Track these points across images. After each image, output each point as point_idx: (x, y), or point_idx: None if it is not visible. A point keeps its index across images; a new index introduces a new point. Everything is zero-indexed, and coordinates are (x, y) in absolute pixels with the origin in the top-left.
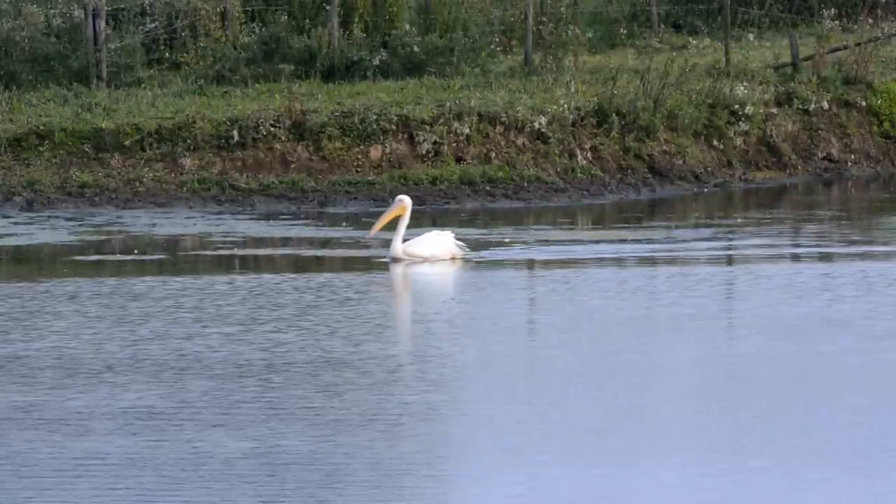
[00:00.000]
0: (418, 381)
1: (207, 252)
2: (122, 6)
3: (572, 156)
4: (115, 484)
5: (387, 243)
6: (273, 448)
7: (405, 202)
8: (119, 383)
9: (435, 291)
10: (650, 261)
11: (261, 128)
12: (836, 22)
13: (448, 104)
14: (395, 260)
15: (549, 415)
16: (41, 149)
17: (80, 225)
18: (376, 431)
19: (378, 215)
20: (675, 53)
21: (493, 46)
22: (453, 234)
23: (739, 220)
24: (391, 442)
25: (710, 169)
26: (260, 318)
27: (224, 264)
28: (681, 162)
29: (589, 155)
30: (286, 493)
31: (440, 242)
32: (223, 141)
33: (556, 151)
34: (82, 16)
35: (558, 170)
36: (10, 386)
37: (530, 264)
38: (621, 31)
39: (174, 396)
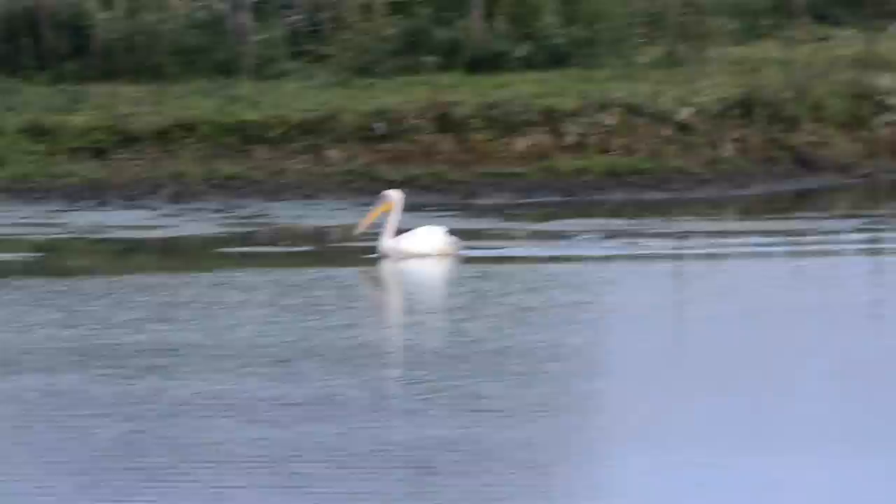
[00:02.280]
0: (591, 370)
1: (355, 243)
2: None
3: (717, 147)
4: (300, 470)
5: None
6: (467, 436)
7: (393, 197)
8: (305, 372)
9: (605, 281)
10: (800, 253)
11: (405, 120)
12: None
13: (592, 95)
14: (384, 256)
15: (716, 404)
16: (187, 141)
17: (226, 217)
18: (549, 420)
19: (525, 206)
20: (818, 44)
21: (637, 38)
22: (445, 230)
23: (887, 211)
24: (561, 430)
25: (855, 160)
26: (440, 306)
27: (375, 255)
28: (826, 153)
29: (734, 146)
30: (473, 481)
31: (429, 238)
32: (368, 133)
33: (701, 142)
34: (226, 8)
35: (703, 161)
36: (194, 374)
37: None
38: (765, 21)
39: (362, 385)
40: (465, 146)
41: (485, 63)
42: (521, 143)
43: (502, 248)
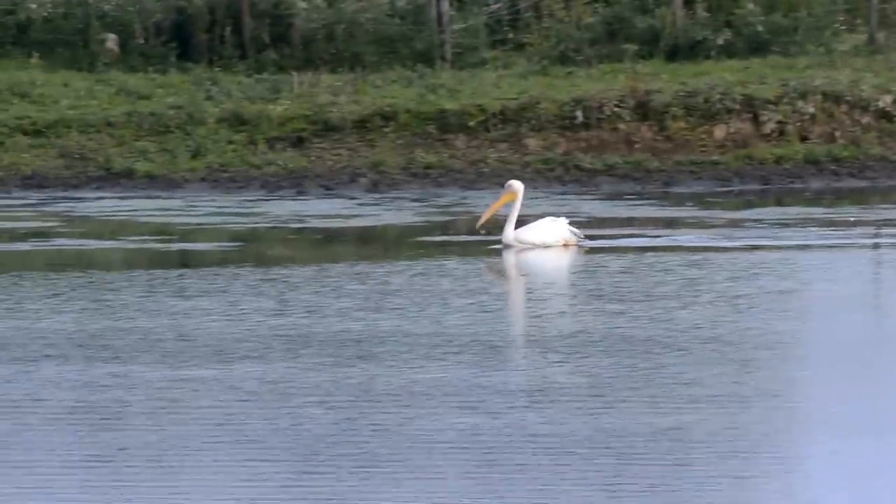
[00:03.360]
0: (801, 357)
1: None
2: None
3: None
4: (512, 458)
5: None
6: (679, 424)
7: (515, 187)
8: (518, 360)
9: (810, 269)
10: None
11: (605, 108)
12: None
13: (792, 83)
14: (508, 246)
15: None
16: (386, 130)
17: (425, 206)
18: (760, 408)
19: (723, 195)
20: None
21: (836, 25)
22: (567, 221)
23: None
24: (771, 418)
25: None
26: (650, 293)
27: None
28: None
29: None
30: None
31: (552, 229)
32: (567, 121)
33: None
34: None
35: None
36: (407, 362)
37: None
38: None
39: (576, 373)
40: (663, 134)
41: (684, 51)
42: (720, 132)
43: (640, 236)
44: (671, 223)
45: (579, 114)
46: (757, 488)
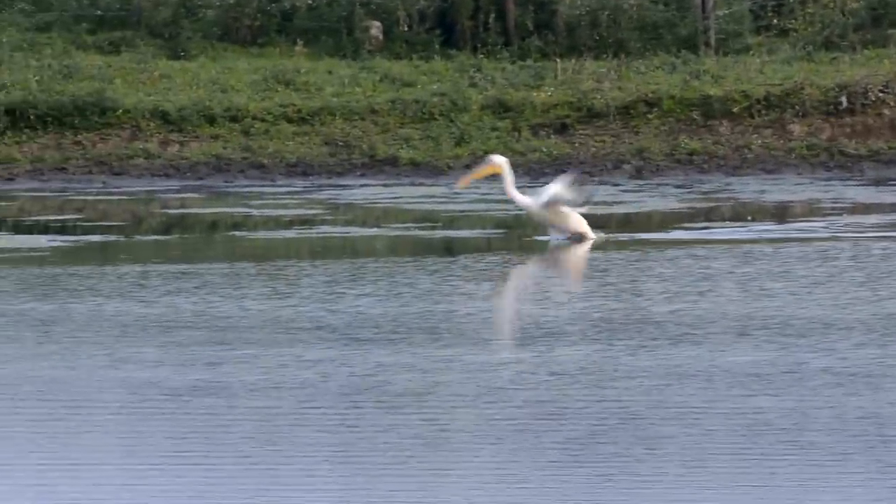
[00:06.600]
0: None
1: (816, 218)
2: None
3: None
4: (757, 442)
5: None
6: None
7: (494, 161)
8: (784, 342)
9: None
10: None
11: (869, 93)
12: None
13: None
14: (533, 215)
15: None
16: (649, 116)
17: (688, 192)
18: None
19: None
20: None
21: None
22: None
23: None
24: None
25: None
26: None
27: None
28: None
29: None
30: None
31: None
32: (831, 107)
33: None
34: None
35: None
36: (709, 343)
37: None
38: None
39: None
40: None
41: None
42: None
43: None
44: None
45: (844, 99)
46: None
